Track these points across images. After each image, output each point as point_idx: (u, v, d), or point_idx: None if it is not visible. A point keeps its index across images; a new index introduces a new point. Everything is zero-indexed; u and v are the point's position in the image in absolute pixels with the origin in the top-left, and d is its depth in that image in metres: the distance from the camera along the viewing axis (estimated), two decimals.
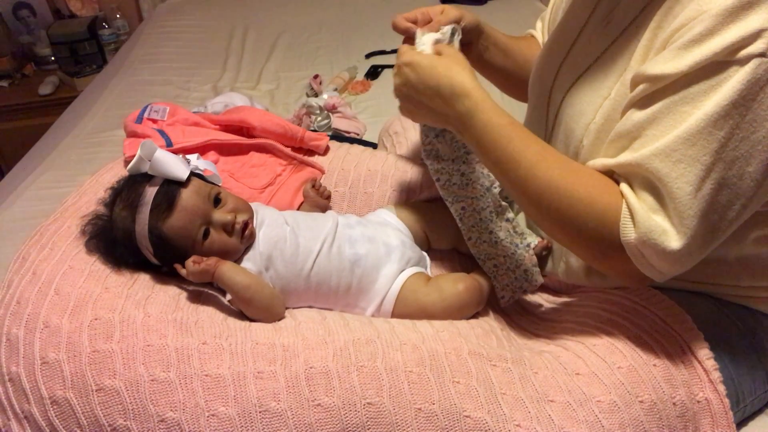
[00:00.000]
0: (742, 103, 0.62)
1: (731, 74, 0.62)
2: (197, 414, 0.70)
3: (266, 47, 2.26)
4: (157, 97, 1.83)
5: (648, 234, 0.67)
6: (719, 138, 0.63)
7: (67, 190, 1.16)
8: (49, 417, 0.72)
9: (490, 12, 2.50)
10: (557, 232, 0.77)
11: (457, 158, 0.93)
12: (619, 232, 0.69)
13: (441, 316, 0.88)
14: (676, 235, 0.66)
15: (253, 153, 1.18)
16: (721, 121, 0.63)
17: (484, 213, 0.95)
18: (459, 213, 0.96)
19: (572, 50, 0.89)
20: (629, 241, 0.68)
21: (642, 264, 0.69)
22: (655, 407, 0.72)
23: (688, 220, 0.65)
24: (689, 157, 0.64)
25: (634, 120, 0.70)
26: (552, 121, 0.92)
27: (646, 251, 0.68)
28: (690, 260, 0.69)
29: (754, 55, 0.61)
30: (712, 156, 0.64)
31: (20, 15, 2.72)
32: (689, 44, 0.64)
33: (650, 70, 0.68)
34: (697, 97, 0.64)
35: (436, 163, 0.95)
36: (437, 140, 0.94)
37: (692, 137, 0.64)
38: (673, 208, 0.66)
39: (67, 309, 0.77)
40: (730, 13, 0.62)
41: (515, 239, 0.94)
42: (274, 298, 0.86)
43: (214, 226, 0.88)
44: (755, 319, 0.85)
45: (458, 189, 0.95)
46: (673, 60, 0.65)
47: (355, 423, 0.70)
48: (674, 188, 0.65)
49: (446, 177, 0.95)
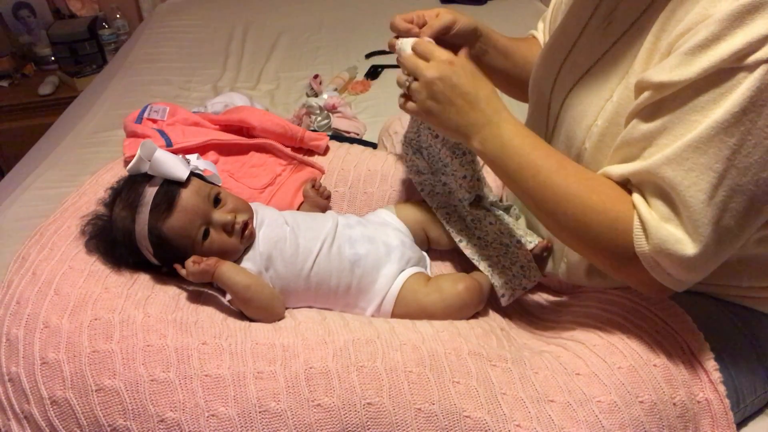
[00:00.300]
0: (752, 110, 0.61)
1: (740, 81, 0.61)
2: (197, 414, 0.70)
3: (266, 47, 2.26)
4: (157, 97, 1.83)
5: (662, 244, 0.67)
6: (731, 145, 0.63)
7: (67, 190, 1.16)
8: (48, 417, 0.72)
9: (490, 12, 2.50)
10: (574, 242, 0.77)
11: (437, 171, 0.97)
12: (632, 242, 0.69)
13: (441, 316, 0.88)
14: (691, 243, 0.66)
15: (253, 153, 1.18)
16: (732, 129, 0.62)
17: (467, 220, 0.98)
18: (445, 218, 0.99)
19: (573, 51, 0.88)
20: (643, 251, 0.69)
21: (659, 273, 0.70)
22: (656, 407, 0.72)
23: (702, 228, 0.65)
24: (701, 166, 0.64)
25: (643, 129, 0.69)
26: (552, 123, 0.91)
27: (661, 261, 0.68)
28: (707, 267, 0.69)
29: (763, 60, 0.60)
30: (724, 163, 0.63)
31: (20, 15, 2.72)
32: (695, 50, 0.64)
33: (656, 78, 0.67)
34: (707, 105, 0.64)
35: (418, 177, 1.02)
36: (415, 157, 0.99)
37: (703, 146, 0.64)
38: (687, 216, 0.66)
39: (67, 309, 0.77)
40: (735, 18, 0.61)
41: (504, 239, 0.95)
42: (274, 299, 0.86)
43: (214, 226, 0.88)
44: (756, 320, 0.84)
45: (441, 197, 0.99)
46: (679, 67, 0.65)
47: (355, 423, 0.70)
48: (687, 196, 0.65)
49: (429, 187, 0.99)
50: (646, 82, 0.69)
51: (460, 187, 0.96)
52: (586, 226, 0.72)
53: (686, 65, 0.64)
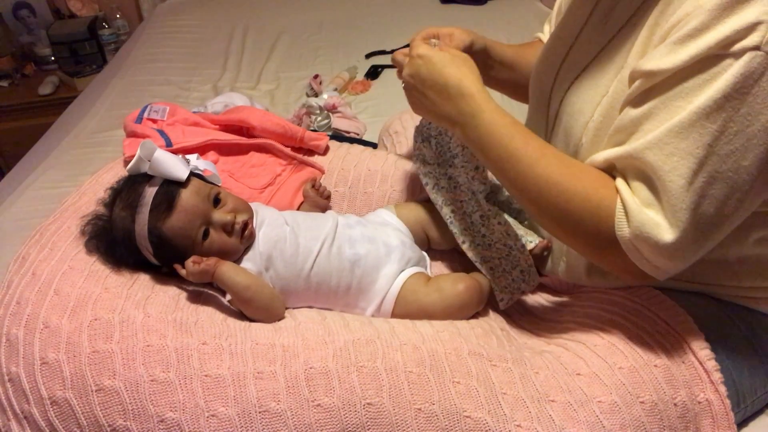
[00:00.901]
0: (735, 97, 0.62)
1: (725, 67, 0.62)
2: (197, 414, 0.70)
3: (266, 47, 2.26)
4: (157, 97, 1.83)
5: (641, 228, 0.67)
6: (712, 131, 0.63)
7: (67, 190, 1.16)
8: (48, 417, 0.72)
9: (490, 12, 2.50)
10: (556, 228, 0.77)
11: (443, 162, 0.95)
12: (614, 227, 0.69)
13: (441, 316, 0.88)
14: (669, 228, 0.66)
15: (253, 153, 1.18)
16: (714, 115, 0.63)
17: (474, 216, 0.96)
18: (449, 216, 0.97)
19: (572, 50, 0.89)
20: (623, 235, 0.68)
21: (638, 259, 0.69)
22: (656, 408, 0.72)
23: (680, 213, 0.65)
24: (682, 150, 0.64)
25: (631, 115, 0.70)
26: (552, 121, 0.92)
27: (640, 246, 0.68)
28: (686, 255, 0.69)
29: (749, 48, 0.60)
30: (704, 149, 0.63)
31: (20, 15, 2.72)
32: (684, 39, 0.64)
33: (646, 66, 0.68)
34: (692, 91, 0.64)
35: (423, 167, 0.99)
36: (423, 145, 0.98)
37: (685, 130, 0.64)
38: (666, 200, 0.66)
39: (67, 309, 0.77)
40: (725, 7, 0.61)
41: (509, 241, 0.95)
42: (274, 299, 0.86)
43: (214, 226, 0.88)
44: (756, 320, 0.84)
45: (446, 192, 0.97)
46: (669, 55, 0.65)
47: (354, 423, 0.70)
48: (667, 181, 0.65)
49: (434, 181, 0.98)
50: (638, 71, 0.69)
51: (472, 179, 0.94)
52: (569, 212, 0.72)
53: (675, 53, 0.65)
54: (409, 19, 2.40)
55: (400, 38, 2.18)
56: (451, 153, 0.95)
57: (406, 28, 2.29)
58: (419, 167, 0.99)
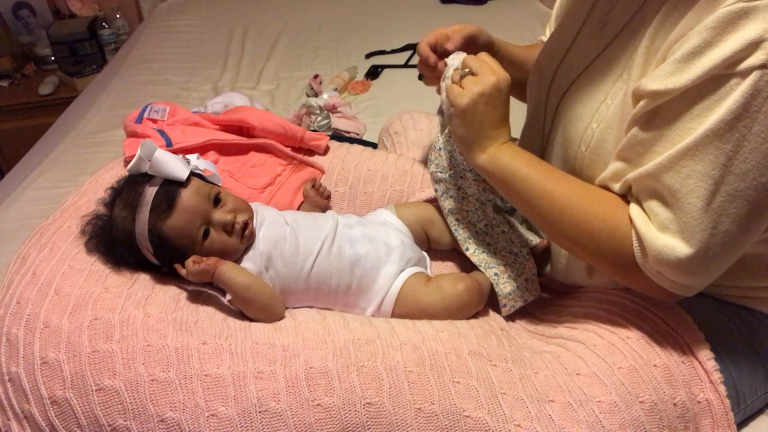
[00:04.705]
0: (746, 116, 0.61)
1: (733, 87, 0.61)
2: (197, 414, 0.70)
3: (266, 47, 2.26)
4: (157, 97, 1.84)
5: (658, 256, 0.68)
6: (726, 151, 0.63)
7: (67, 190, 1.16)
8: (49, 417, 0.72)
9: (490, 12, 2.50)
10: (579, 250, 0.78)
11: (456, 173, 0.95)
12: (633, 251, 0.71)
13: (441, 316, 0.88)
14: (687, 248, 0.66)
15: (253, 153, 1.18)
16: (727, 135, 0.62)
17: (479, 225, 0.97)
18: (453, 224, 0.98)
19: (569, 53, 0.89)
20: (643, 264, 0.70)
21: (663, 281, 0.70)
22: (656, 408, 0.72)
23: (699, 234, 0.65)
24: (698, 173, 0.64)
25: (641, 138, 0.70)
26: (549, 125, 0.92)
27: (661, 269, 0.69)
28: (709, 270, 0.69)
29: (755, 66, 0.60)
30: (720, 170, 0.63)
31: (20, 15, 2.73)
32: (688, 57, 0.64)
33: (651, 86, 0.68)
34: (702, 113, 0.64)
35: (438, 173, 0.99)
36: (439, 153, 0.98)
37: (699, 152, 0.64)
38: (685, 221, 0.66)
39: (67, 309, 0.77)
40: (726, 24, 0.61)
41: (514, 248, 0.95)
42: (274, 298, 0.86)
43: (214, 226, 0.88)
44: (756, 320, 0.84)
45: (454, 202, 0.97)
46: (674, 74, 0.65)
47: (355, 423, 0.70)
48: (685, 203, 0.65)
49: (444, 188, 0.98)
50: (642, 90, 0.69)
51: (483, 190, 0.95)
52: (589, 233, 0.74)
53: (680, 73, 0.64)
54: (409, 19, 2.40)
55: (400, 38, 2.18)
56: (463, 167, 0.95)
57: (406, 28, 2.30)
58: (433, 173, 0.99)
